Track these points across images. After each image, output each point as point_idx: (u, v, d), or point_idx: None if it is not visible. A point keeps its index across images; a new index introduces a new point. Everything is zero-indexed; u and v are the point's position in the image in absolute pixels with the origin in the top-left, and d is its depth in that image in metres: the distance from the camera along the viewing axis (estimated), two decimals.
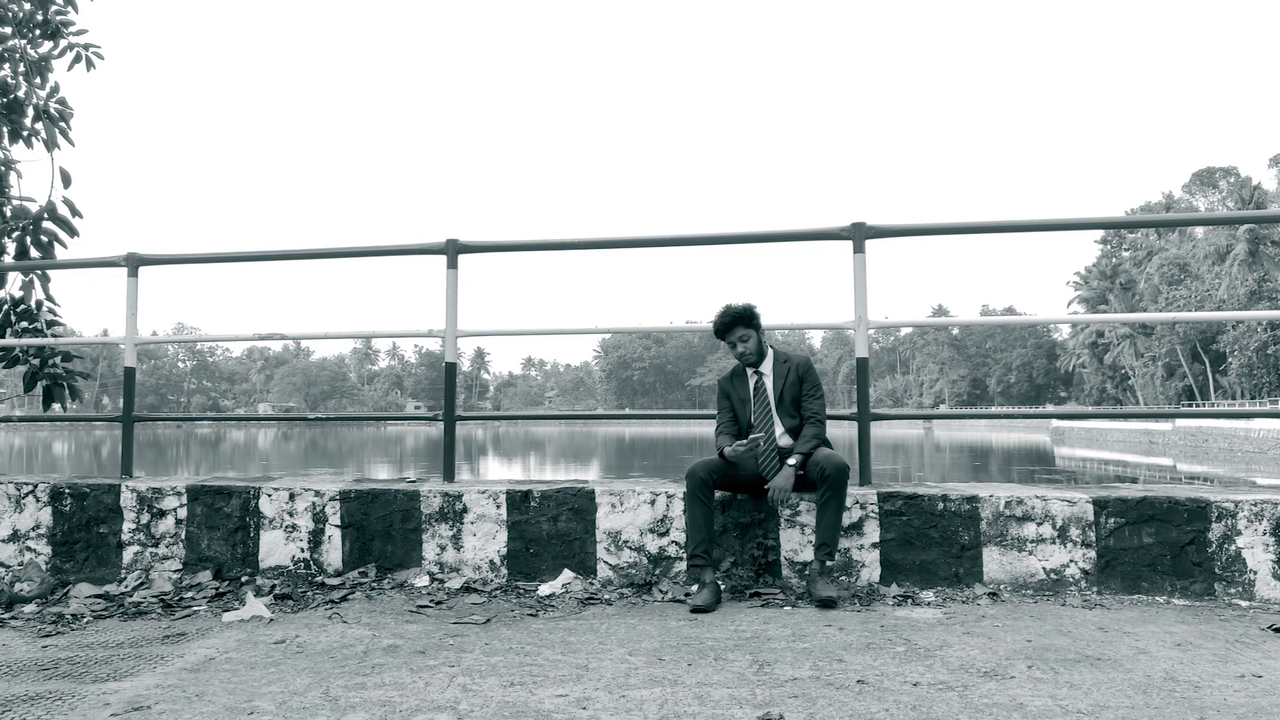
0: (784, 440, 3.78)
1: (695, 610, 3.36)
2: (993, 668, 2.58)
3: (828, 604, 3.37)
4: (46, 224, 6.11)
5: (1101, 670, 2.55)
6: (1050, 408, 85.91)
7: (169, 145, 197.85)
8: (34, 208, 6.12)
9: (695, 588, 3.53)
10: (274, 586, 3.82)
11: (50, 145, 6.14)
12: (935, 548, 3.65)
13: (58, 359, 6.20)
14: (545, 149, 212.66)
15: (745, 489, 3.75)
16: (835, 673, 2.54)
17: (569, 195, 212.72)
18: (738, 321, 3.84)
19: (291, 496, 4.04)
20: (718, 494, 3.74)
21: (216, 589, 3.81)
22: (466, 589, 3.74)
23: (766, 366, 3.89)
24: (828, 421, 3.85)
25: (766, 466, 3.71)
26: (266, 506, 4.05)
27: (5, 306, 6.11)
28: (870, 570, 3.67)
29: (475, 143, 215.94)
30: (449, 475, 4.28)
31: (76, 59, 6.20)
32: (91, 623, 3.40)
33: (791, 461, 3.64)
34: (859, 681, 2.46)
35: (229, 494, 4.09)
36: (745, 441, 3.61)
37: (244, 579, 3.95)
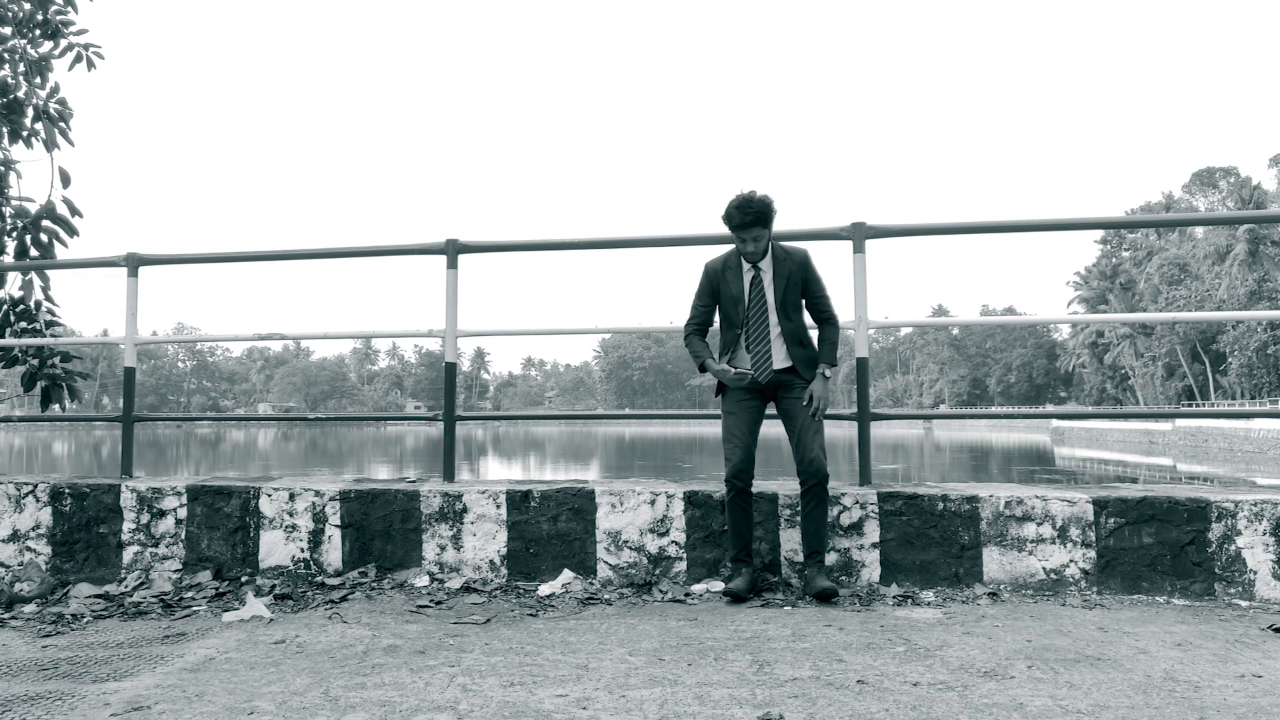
0: (780, 358, 3.63)
1: (729, 594, 3.44)
2: (993, 668, 2.58)
3: (827, 593, 3.38)
4: (46, 223, 6.11)
5: (1101, 670, 2.55)
6: (1050, 408, 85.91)
7: (169, 145, 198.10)
8: (33, 208, 6.12)
9: (731, 577, 3.58)
10: (274, 586, 3.82)
11: (50, 145, 6.14)
12: (935, 548, 3.65)
13: (56, 359, 6.20)
14: (545, 149, 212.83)
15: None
16: (835, 673, 2.54)
17: (569, 195, 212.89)
18: (759, 221, 3.50)
19: (291, 496, 4.04)
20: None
21: (216, 589, 3.81)
22: (466, 589, 3.74)
23: (766, 264, 3.63)
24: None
25: (763, 371, 3.61)
26: (266, 506, 4.05)
27: (4, 307, 6.11)
28: (870, 570, 3.67)
29: (475, 143, 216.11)
30: (449, 475, 4.28)
31: (77, 59, 6.20)
32: (91, 623, 3.40)
33: (828, 374, 3.63)
34: (859, 681, 2.46)
35: (229, 494, 4.09)
36: (738, 372, 3.56)
37: (244, 579, 3.95)
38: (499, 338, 48.48)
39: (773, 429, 3.84)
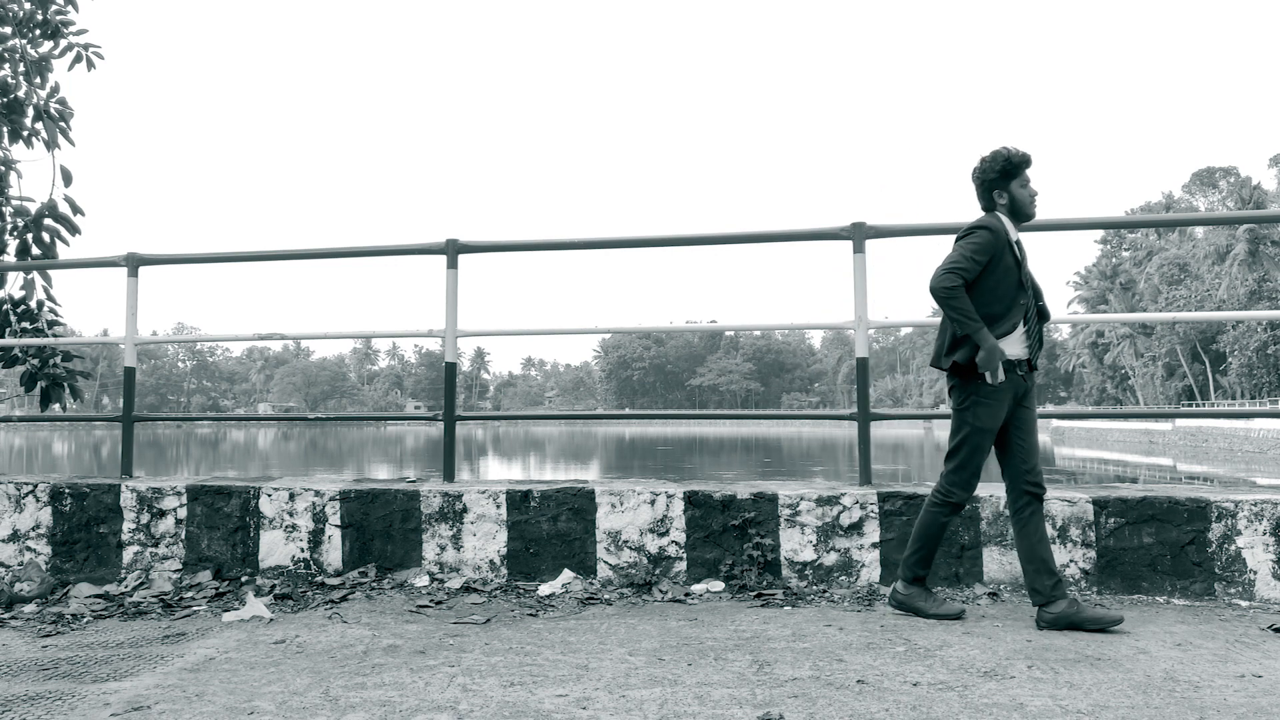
0: (1033, 348, 3.16)
1: (955, 617, 3.10)
2: (993, 668, 2.58)
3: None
4: (48, 221, 6.11)
5: (1101, 670, 2.55)
6: (1050, 408, 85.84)
7: (169, 145, 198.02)
8: (34, 207, 6.12)
9: (937, 599, 3.19)
10: (274, 586, 3.82)
11: (50, 145, 6.14)
12: None
13: (58, 359, 6.20)
14: (545, 149, 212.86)
15: None
16: (835, 673, 2.54)
17: (569, 195, 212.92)
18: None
19: (291, 496, 4.04)
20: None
21: (216, 589, 3.81)
22: (466, 589, 3.74)
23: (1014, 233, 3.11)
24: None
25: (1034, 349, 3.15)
26: (266, 506, 4.05)
27: (6, 306, 6.11)
28: (870, 570, 3.67)
29: (475, 143, 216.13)
30: (449, 475, 4.28)
31: (77, 59, 6.20)
32: (91, 623, 3.40)
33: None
34: (859, 681, 2.46)
35: (229, 494, 4.09)
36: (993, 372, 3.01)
37: (244, 579, 3.95)
38: (499, 338, 48.54)
39: (772, 429, 3.83)
